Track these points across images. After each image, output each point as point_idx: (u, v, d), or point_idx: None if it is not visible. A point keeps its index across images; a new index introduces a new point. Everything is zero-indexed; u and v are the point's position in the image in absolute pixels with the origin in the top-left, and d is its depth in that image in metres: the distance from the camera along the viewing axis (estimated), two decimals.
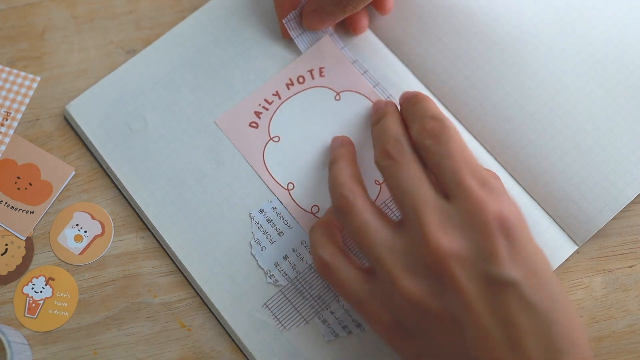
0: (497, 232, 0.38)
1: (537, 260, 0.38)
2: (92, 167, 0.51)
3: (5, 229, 0.50)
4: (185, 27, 0.54)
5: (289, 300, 0.47)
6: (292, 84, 0.52)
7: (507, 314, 0.37)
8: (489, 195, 0.39)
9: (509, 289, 0.37)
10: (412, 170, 0.41)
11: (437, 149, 0.41)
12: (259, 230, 0.49)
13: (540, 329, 0.37)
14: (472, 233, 0.38)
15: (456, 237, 0.38)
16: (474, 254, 0.38)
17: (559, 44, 0.52)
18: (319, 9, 0.50)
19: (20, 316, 0.48)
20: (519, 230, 0.38)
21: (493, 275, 0.37)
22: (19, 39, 0.54)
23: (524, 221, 0.40)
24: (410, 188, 0.40)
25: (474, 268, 0.37)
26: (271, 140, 0.51)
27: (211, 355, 0.48)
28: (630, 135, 0.50)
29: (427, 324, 0.38)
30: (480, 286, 0.37)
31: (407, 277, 0.38)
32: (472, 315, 0.37)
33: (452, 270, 0.37)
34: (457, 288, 0.37)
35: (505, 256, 0.37)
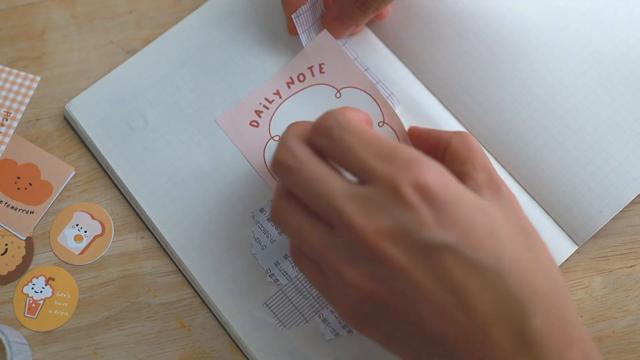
0: (418, 201, 0.36)
1: (474, 218, 0.37)
2: (92, 167, 0.51)
3: (5, 229, 0.50)
4: (186, 26, 0.54)
5: (289, 299, 0.47)
6: (293, 82, 0.52)
7: (453, 278, 0.36)
8: (400, 168, 0.37)
9: (447, 253, 0.36)
10: (312, 169, 0.39)
11: (333, 146, 0.39)
12: (260, 229, 0.49)
13: (492, 286, 0.36)
14: (394, 210, 0.37)
15: (380, 218, 0.37)
16: (402, 229, 0.36)
17: (559, 44, 0.52)
18: (341, 15, 0.50)
19: (20, 316, 0.48)
20: (442, 192, 0.37)
21: (426, 244, 0.36)
22: (19, 39, 0.54)
23: (451, 182, 0.38)
24: (318, 188, 0.38)
25: (406, 242, 0.36)
26: (272, 139, 0.51)
27: (211, 355, 0.48)
28: (630, 135, 0.50)
29: (381, 308, 0.38)
30: (418, 258, 0.36)
31: (350, 269, 0.38)
32: (419, 290, 0.36)
33: (386, 251, 0.36)
34: (396, 267, 0.36)
35: (433, 222, 0.36)
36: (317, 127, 0.40)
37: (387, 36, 0.54)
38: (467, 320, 0.36)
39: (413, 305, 0.37)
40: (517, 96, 0.51)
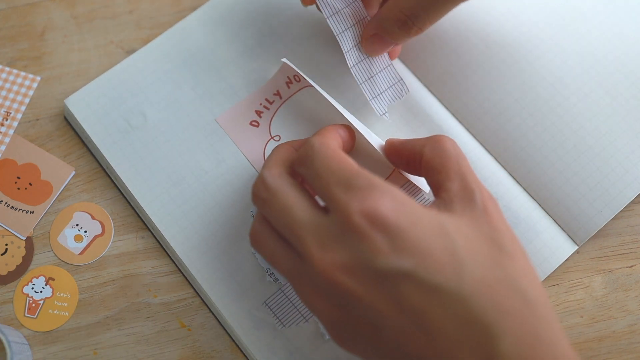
0: (370, 230, 0.36)
1: (431, 241, 0.36)
2: (92, 167, 0.51)
3: (5, 229, 0.50)
4: (186, 25, 0.54)
5: (288, 298, 0.47)
6: (291, 82, 0.52)
7: (412, 305, 0.35)
8: (354, 197, 0.37)
9: (404, 280, 0.35)
10: (280, 200, 0.40)
11: (308, 173, 0.40)
12: None
13: (453, 310, 0.35)
14: (348, 239, 0.37)
15: (337, 250, 0.37)
16: (357, 259, 0.36)
17: (559, 44, 0.52)
18: (381, 31, 0.47)
19: (20, 316, 0.48)
20: (396, 220, 0.36)
21: (382, 271, 0.36)
22: (19, 38, 0.54)
23: (403, 206, 0.37)
24: (284, 219, 0.39)
25: (363, 272, 0.36)
26: (272, 139, 0.51)
27: (211, 355, 0.48)
28: (630, 135, 0.50)
29: (352, 333, 0.38)
30: (376, 287, 0.36)
31: (317, 298, 0.38)
32: (382, 317, 0.36)
33: (343, 282, 0.36)
34: (355, 297, 0.36)
35: (388, 249, 0.36)
36: (299, 155, 0.41)
37: None
38: (432, 346, 0.35)
39: (378, 330, 0.37)
40: (517, 96, 0.51)
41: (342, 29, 0.49)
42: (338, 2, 0.48)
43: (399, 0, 0.46)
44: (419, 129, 0.51)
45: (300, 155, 0.41)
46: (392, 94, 0.50)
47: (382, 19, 0.47)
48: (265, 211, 0.41)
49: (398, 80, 0.50)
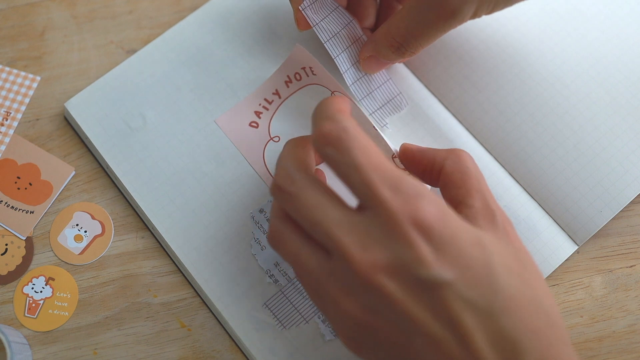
0: (417, 237, 0.36)
1: (471, 255, 0.37)
2: (92, 166, 0.51)
3: (5, 229, 0.50)
4: (185, 26, 0.54)
5: (288, 299, 0.47)
6: (291, 81, 0.52)
7: (450, 315, 0.36)
8: (403, 200, 0.37)
9: (445, 289, 0.36)
10: (310, 196, 0.38)
11: (340, 159, 0.38)
12: (259, 229, 0.49)
13: (487, 324, 0.36)
14: (392, 242, 0.36)
15: (377, 251, 0.37)
16: (400, 264, 0.36)
17: (559, 44, 0.52)
18: (377, 54, 0.48)
19: (20, 316, 0.48)
20: (441, 230, 0.36)
21: (424, 280, 0.36)
22: (19, 38, 0.54)
23: (450, 217, 0.37)
24: (317, 216, 0.38)
25: (403, 277, 0.36)
26: (271, 140, 0.51)
27: (211, 355, 0.48)
28: (630, 135, 0.50)
29: (377, 338, 0.38)
30: (415, 293, 0.36)
31: (347, 299, 0.37)
32: (416, 324, 0.36)
33: (383, 285, 0.36)
34: (393, 301, 0.36)
35: (432, 259, 0.36)
36: (324, 134, 0.38)
37: None
38: (463, 356, 0.36)
39: (408, 338, 0.36)
40: (518, 96, 0.51)
41: (339, 52, 0.49)
42: (334, 25, 0.49)
43: (391, 26, 0.47)
44: (419, 129, 0.51)
45: (330, 134, 0.38)
46: (391, 107, 0.51)
47: (377, 44, 0.48)
48: (290, 206, 0.39)
49: (397, 94, 0.51)
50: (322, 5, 0.49)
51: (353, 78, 0.50)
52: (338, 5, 0.49)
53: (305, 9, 0.48)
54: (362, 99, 0.50)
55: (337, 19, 0.49)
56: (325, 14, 0.49)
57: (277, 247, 0.40)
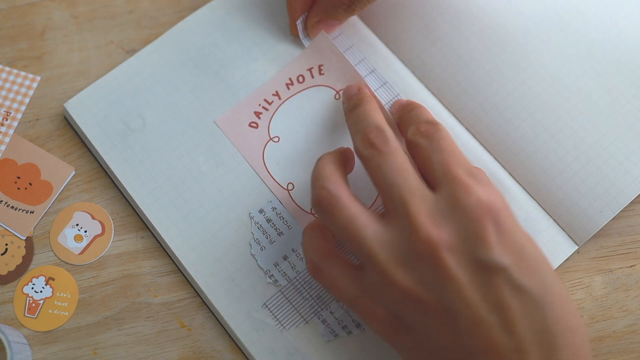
0: (485, 218, 0.38)
1: (525, 246, 0.39)
2: (92, 166, 0.51)
3: (5, 229, 0.50)
4: (185, 27, 0.54)
5: (288, 300, 0.47)
6: (292, 83, 0.52)
7: (499, 299, 0.37)
8: (475, 183, 0.39)
9: (499, 274, 0.37)
10: (398, 160, 0.41)
11: (428, 145, 0.42)
12: (259, 230, 0.49)
13: (532, 313, 0.37)
14: (460, 220, 0.38)
15: (445, 226, 0.38)
16: (463, 241, 0.38)
17: (559, 44, 0.52)
18: (327, 17, 0.51)
19: (20, 316, 0.48)
20: (505, 216, 0.39)
21: (483, 261, 0.37)
22: (19, 38, 0.54)
23: (510, 209, 0.40)
24: (397, 179, 0.40)
25: (464, 255, 0.38)
26: (271, 140, 0.51)
27: (211, 355, 0.48)
28: (631, 135, 0.50)
29: (422, 315, 0.38)
30: (471, 273, 0.37)
31: (399, 269, 0.38)
32: (465, 303, 0.37)
33: (443, 258, 0.37)
34: (449, 276, 0.37)
35: (494, 241, 0.38)
36: (421, 129, 0.43)
37: (387, 36, 0.54)
38: (503, 341, 0.37)
39: (454, 317, 0.37)
40: (517, 96, 0.51)
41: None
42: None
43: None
44: None
45: (423, 129, 0.43)
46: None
47: (328, 7, 0.50)
48: (375, 162, 0.41)
49: (396, 95, 0.52)
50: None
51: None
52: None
53: (302, 23, 0.52)
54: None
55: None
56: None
57: (330, 209, 0.41)
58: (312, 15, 0.51)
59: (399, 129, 0.47)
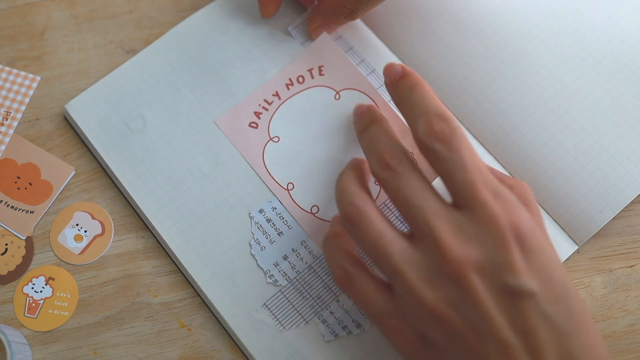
0: (513, 242, 0.37)
1: (553, 272, 0.38)
2: (92, 166, 0.51)
3: (5, 229, 0.50)
4: (185, 28, 0.54)
5: (288, 300, 0.47)
6: (292, 84, 0.52)
7: (526, 325, 0.37)
8: (503, 206, 0.38)
9: (527, 300, 0.37)
10: (416, 181, 0.40)
11: (448, 155, 0.39)
12: (259, 230, 0.49)
13: (558, 341, 0.37)
14: (488, 243, 0.38)
15: (472, 248, 0.38)
16: (491, 264, 0.37)
17: (559, 44, 0.52)
18: (328, 22, 0.52)
19: (20, 316, 0.48)
20: (533, 241, 0.38)
21: (511, 286, 0.37)
22: (19, 38, 0.54)
23: (539, 231, 0.39)
24: (418, 201, 0.39)
25: (492, 278, 0.37)
26: (271, 140, 0.51)
27: (211, 355, 0.48)
28: (630, 135, 0.50)
29: (448, 335, 0.38)
30: (499, 296, 0.37)
31: (427, 288, 0.38)
32: (492, 326, 0.37)
33: (471, 280, 0.37)
34: (476, 299, 0.37)
35: (522, 266, 0.37)
36: (437, 132, 0.40)
37: (387, 37, 0.54)
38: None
39: (481, 340, 0.37)
40: (517, 96, 0.51)
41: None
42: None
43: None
44: None
45: (438, 132, 0.40)
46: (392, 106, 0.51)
47: (328, 13, 0.51)
48: (393, 185, 0.40)
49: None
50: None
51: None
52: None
53: (294, 28, 0.53)
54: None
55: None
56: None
57: (359, 226, 0.40)
58: (313, 19, 0.52)
59: (401, 111, 0.44)
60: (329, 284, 0.48)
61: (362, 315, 0.47)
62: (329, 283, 0.48)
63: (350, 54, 0.53)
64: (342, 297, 0.48)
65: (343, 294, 0.48)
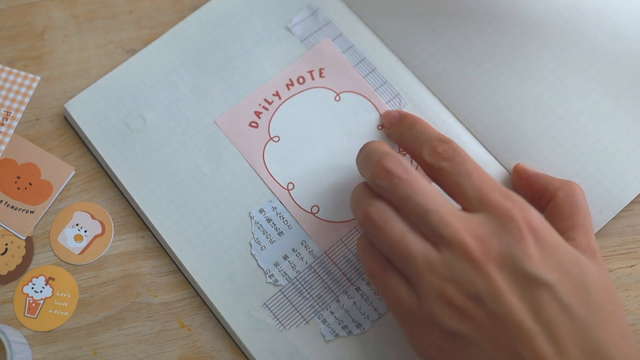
0: (528, 235, 0.39)
1: (570, 266, 0.39)
2: (92, 166, 0.51)
3: (5, 229, 0.50)
4: (185, 27, 0.54)
5: (288, 300, 0.47)
6: (292, 84, 0.52)
7: (548, 315, 0.37)
8: (514, 205, 0.40)
9: (545, 290, 0.38)
10: (426, 186, 0.41)
11: (454, 169, 0.42)
12: (259, 230, 0.49)
13: (581, 333, 0.37)
14: (504, 240, 0.39)
15: (491, 244, 0.39)
16: (509, 256, 0.38)
17: (559, 44, 0.52)
18: None
19: (20, 316, 0.48)
20: (547, 236, 0.39)
21: (529, 274, 0.38)
22: (19, 38, 0.54)
23: (552, 228, 0.40)
24: (433, 205, 0.40)
25: (511, 269, 0.38)
26: (271, 140, 0.51)
27: (211, 355, 0.48)
28: (631, 135, 0.50)
29: (476, 332, 0.38)
30: (520, 286, 0.38)
31: (453, 288, 0.39)
32: (516, 316, 0.37)
33: (492, 273, 0.38)
34: (500, 290, 0.38)
35: (538, 257, 0.38)
36: (440, 152, 0.43)
37: (387, 36, 0.54)
38: (556, 358, 0.37)
39: (507, 332, 0.38)
40: (517, 95, 0.51)
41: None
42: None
43: None
44: None
45: (442, 152, 0.43)
46: (390, 108, 0.52)
47: None
48: (402, 191, 0.41)
49: (396, 95, 0.52)
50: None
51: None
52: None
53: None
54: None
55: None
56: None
57: (378, 230, 0.41)
58: None
59: (403, 147, 0.47)
60: (329, 284, 0.48)
61: (362, 315, 0.47)
62: (329, 283, 0.48)
63: (351, 52, 0.53)
64: (342, 297, 0.48)
65: (343, 294, 0.48)
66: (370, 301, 0.47)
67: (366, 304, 0.47)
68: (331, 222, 0.49)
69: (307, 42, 0.53)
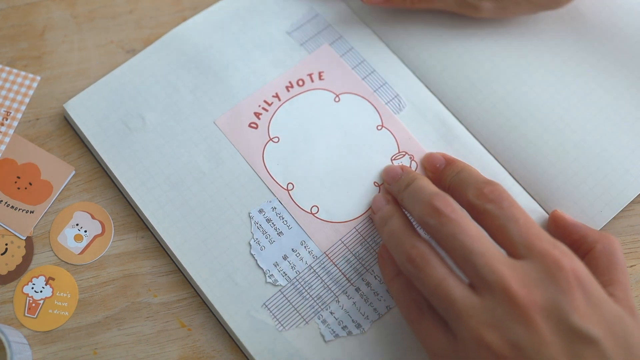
0: (576, 289, 0.38)
1: (615, 322, 0.38)
2: (92, 166, 0.51)
3: (5, 229, 0.50)
4: (186, 29, 0.54)
5: (288, 300, 0.47)
6: (292, 86, 0.52)
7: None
8: (563, 254, 0.39)
9: (591, 346, 0.37)
10: (472, 227, 0.40)
11: (500, 213, 0.41)
12: (258, 230, 0.49)
13: None
14: (552, 289, 0.38)
15: (537, 292, 0.38)
16: (556, 307, 0.38)
17: (559, 43, 0.52)
18: (388, 5, 0.52)
19: (20, 316, 0.48)
20: (594, 288, 0.39)
21: (576, 328, 0.37)
22: (19, 38, 0.54)
23: (597, 283, 0.39)
24: (479, 247, 0.39)
25: (556, 320, 0.37)
26: (271, 140, 0.51)
27: (211, 355, 0.48)
28: (630, 135, 0.50)
29: None
30: (564, 339, 0.37)
31: (493, 333, 0.38)
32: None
33: (539, 323, 0.37)
34: (543, 340, 0.37)
35: (586, 311, 0.38)
36: (486, 193, 0.42)
37: (387, 36, 0.54)
38: None
39: None
40: (517, 95, 0.51)
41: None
42: None
43: None
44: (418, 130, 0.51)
45: (488, 193, 0.42)
46: (390, 108, 0.52)
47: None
48: (448, 230, 0.40)
49: (395, 96, 0.52)
50: None
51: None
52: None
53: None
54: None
55: None
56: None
57: (423, 265, 0.41)
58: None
59: (448, 191, 0.46)
60: (329, 284, 0.48)
61: (362, 315, 0.47)
62: (329, 283, 0.48)
63: (350, 54, 0.53)
64: (341, 298, 0.48)
65: (343, 294, 0.48)
66: (370, 302, 0.47)
67: (366, 305, 0.47)
68: (331, 222, 0.49)
69: (307, 45, 0.53)
